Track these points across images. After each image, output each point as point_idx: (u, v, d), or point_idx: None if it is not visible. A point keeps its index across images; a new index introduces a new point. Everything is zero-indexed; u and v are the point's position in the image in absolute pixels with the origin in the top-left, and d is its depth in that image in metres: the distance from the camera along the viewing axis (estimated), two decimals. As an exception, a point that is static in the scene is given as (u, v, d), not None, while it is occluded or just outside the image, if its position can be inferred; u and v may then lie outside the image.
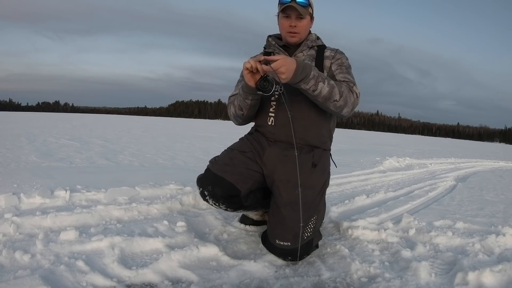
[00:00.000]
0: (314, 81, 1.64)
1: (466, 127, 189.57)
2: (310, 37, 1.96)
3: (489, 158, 11.47)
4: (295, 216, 1.69)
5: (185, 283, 1.49)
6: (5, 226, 1.78)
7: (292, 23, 1.85)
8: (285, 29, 1.88)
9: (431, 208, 2.90)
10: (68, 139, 6.96)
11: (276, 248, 1.73)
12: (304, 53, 1.93)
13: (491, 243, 1.95)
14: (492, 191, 4.02)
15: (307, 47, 1.94)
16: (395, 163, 6.38)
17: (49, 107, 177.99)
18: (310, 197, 1.76)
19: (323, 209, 1.93)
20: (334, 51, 1.94)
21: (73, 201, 2.31)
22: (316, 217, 1.78)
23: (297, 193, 1.69)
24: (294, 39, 1.90)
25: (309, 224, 1.75)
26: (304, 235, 1.72)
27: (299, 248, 1.69)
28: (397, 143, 16.89)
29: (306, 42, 1.94)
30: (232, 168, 1.82)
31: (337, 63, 1.89)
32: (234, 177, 1.80)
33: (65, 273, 1.41)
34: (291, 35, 1.88)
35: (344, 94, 1.72)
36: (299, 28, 1.86)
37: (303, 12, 1.81)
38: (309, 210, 1.74)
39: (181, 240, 1.86)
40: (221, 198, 1.80)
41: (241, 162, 1.85)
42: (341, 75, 1.85)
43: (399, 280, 1.56)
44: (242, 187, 1.81)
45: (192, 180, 2.99)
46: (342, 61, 1.90)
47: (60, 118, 20.18)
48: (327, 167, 1.95)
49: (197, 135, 11.60)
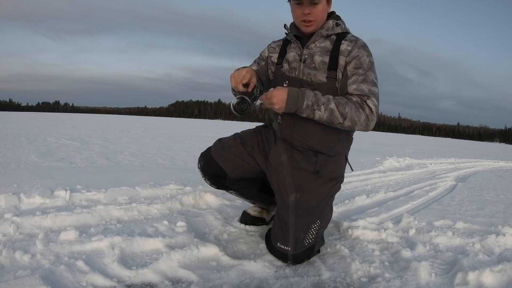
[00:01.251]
0: (310, 110, 1.57)
1: (466, 127, 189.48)
2: (326, 24, 1.73)
3: (489, 158, 11.46)
4: (296, 220, 1.67)
5: (185, 283, 1.49)
6: (5, 226, 1.78)
7: (306, 11, 1.65)
8: (298, 17, 1.70)
9: (431, 208, 2.90)
10: (68, 139, 6.96)
11: (277, 251, 1.72)
12: (316, 44, 1.73)
13: (491, 243, 1.96)
14: (492, 191, 4.02)
15: (321, 37, 1.73)
16: (395, 163, 6.38)
17: (49, 107, 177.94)
18: (313, 201, 1.70)
19: (330, 214, 1.84)
20: (352, 43, 1.68)
21: (73, 201, 2.31)
22: (319, 222, 1.72)
23: (298, 197, 1.67)
24: (310, 29, 1.71)
25: (311, 230, 1.70)
26: (306, 241, 1.69)
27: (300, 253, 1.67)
28: (397, 143, 16.89)
29: (320, 31, 1.72)
30: (226, 154, 1.90)
31: (353, 64, 1.65)
32: (224, 162, 1.89)
33: (65, 273, 1.41)
34: (306, 25, 1.69)
35: (348, 115, 1.57)
36: (314, 15, 1.66)
37: None
38: (312, 215, 1.70)
39: (181, 240, 1.86)
40: (207, 175, 1.98)
41: (237, 151, 1.89)
42: (354, 85, 1.63)
43: (399, 280, 1.56)
44: (230, 172, 1.91)
45: (192, 180, 3.01)
46: (360, 61, 1.65)
47: (60, 118, 20.18)
48: (334, 173, 1.81)
49: (197, 135, 11.60)
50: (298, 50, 1.78)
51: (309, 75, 1.72)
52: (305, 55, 1.74)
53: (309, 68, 1.72)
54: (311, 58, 1.72)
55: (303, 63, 1.74)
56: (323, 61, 1.70)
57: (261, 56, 1.99)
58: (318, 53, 1.71)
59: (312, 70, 1.71)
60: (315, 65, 1.71)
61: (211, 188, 2.77)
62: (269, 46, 1.97)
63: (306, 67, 1.73)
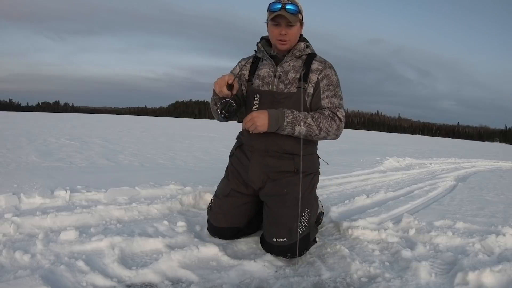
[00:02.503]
0: (290, 127, 1.75)
1: (466, 127, 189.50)
2: (298, 46, 1.94)
3: (489, 158, 11.46)
4: (286, 212, 1.78)
5: (185, 283, 1.49)
6: (5, 226, 1.79)
7: (282, 31, 1.85)
8: (275, 37, 1.89)
9: (431, 208, 2.90)
10: (68, 139, 6.96)
11: (274, 246, 1.77)
12: (290, 63, 1.94)
13: (491, 243, 1.96)
14: (492, 191, 4.02)
15: (294, 57, 1.94)
16: (395, 163, 6.38)
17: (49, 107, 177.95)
18: (298, 194, 1.80)
19: (316, 204, 2.00)
20: (322, 64, 1.93)
21: (73, 201, 2.32)
22: (308, 210, 1.84)
23: (284, 192, 1.83)
24: (285, 47, 1.91)
25: (303, 218, 1.80)
26: (300, 229, 1.77)
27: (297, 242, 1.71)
28: (397, 143, 16.89)
29: (293, 51, 1.93)
30: (223, 216, 1.96)
31: (325, 82, 1.89)
32: (228, 221, 1.96)
33: (65, 273, 1.42)
34: (282, 43, 1.89)
35: (323, 127, 1.79)
36: (289, 35, 1.87)
37: (293, 20, 1.82)
38: (300, 205, 1.78)
39: (181, 240, 1.86)
40: (228, 238, 1.99)
41: (229, 206, 1.97)
42: (327, 99, 1.87)
43: (399, 280, 1.56)
44: (239, 223, 1.98)
45: (192, 180, 3.01)
46: (330, 79, 1.90)
47: (60, 118, 20.18)
48: (311, 168, 1.97)
49: (197, 135, 11.60)
50: (271, 67, 1.95)
51: (282, 89, 1.90)
52: (279, 72, 1.93)
53: (283, 83, 1.91)
54: (285, 75, 1.92)
55: (277, 79, 1.92)
56: (295, 77, 1.90)
57: (232, 73, 2.03)
58: (292, 70, 1.92)
59: (285, 85, 1.90)
60: (289, 81, 1.91)
61: (211, 188, 2.78)
62: (239, 64, 2.10)
63: (280, 82, 1.91)
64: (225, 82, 1.76)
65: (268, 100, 1.89)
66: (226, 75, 1.80)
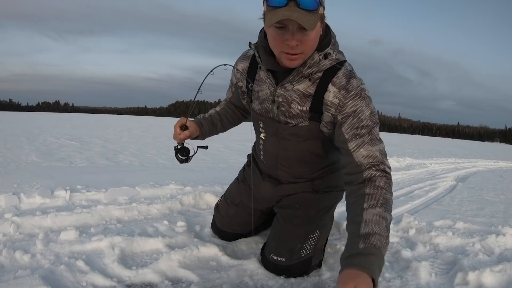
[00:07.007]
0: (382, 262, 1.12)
1: (466, 127, 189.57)
2: (311, 58, 1.27)
3: (489, 158, 11.46)
4: (292, 229, 1.61)
5: (185, 283, 1.49)
6: (5, 226, 1.78)
7: (292, 41, 1.17)
8: (279, 47, 1.23)
9: (431, 208, 2.90)
10: (68, 139, 6.96)
11: (270, 263, 1.60)
12: (294, 85, 1.34)
13: (491, 243, 1.96)
14: (492, 191, 4.02)
15: (300, 77, 1.31)
16: (395, 163, 6.38)
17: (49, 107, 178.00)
18: (312, 211, 1.62)
19: (330, 225, 1.71)
20: (341, 92, 1.28)
21: (73, 201, 2.31)
22: (319, 232, 1.61)
23: (297, 207, 1.64)
24: (295, 63, 1.25)
25: (309, 240, 1.59)
26: (302, 252, 1.57)
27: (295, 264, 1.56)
28: (397, 143, 16.88)
29: (300, 68, 1.28)
30: (228, 222, 1.90)
31: (350, 123, 1.26)
32: (232, 228, 1.91)
33: (65, 273, 1.41)
34: (290, 58, 1.23)
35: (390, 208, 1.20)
36: (304, 46, 1.20)
37: (309, 23, 1.12)
38: (310, 224, 1.62)
39: (181, 240, 1.86)
40: (229, 240, 1.93)
41: (235, 213, 1.89)
42: (361, 150, 1.24)
43: (399, 280, 1.56)
44: (242, 231, 1.92)
45: (192, 180, 3.00)
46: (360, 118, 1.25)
47: (60, 118, 20.17)
48: (335, 187, 1.68)
49: (197, 135, 11.58)
50: (270, 86, 1.42)
51: (286, 122, 1.44)
52: (279, 97, 1.40)
53: (285, 116, 1.42)
54: (287, 106, 1.39)
55: (276, 108, 1.42)
56: (303, 110, 1.37)
57: (231, 82, 1.75)
58: (297, 100, 1.36)
59: (290, 119, 1.42)
60: (293, 114, 1.40)
61: (211, 188, 2.78)
62: (235, 71, 1.61)
63: (281, 114, 1.42)
64: (178, 132, 1.61)
65: (272, 132, 1.51)
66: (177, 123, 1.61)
